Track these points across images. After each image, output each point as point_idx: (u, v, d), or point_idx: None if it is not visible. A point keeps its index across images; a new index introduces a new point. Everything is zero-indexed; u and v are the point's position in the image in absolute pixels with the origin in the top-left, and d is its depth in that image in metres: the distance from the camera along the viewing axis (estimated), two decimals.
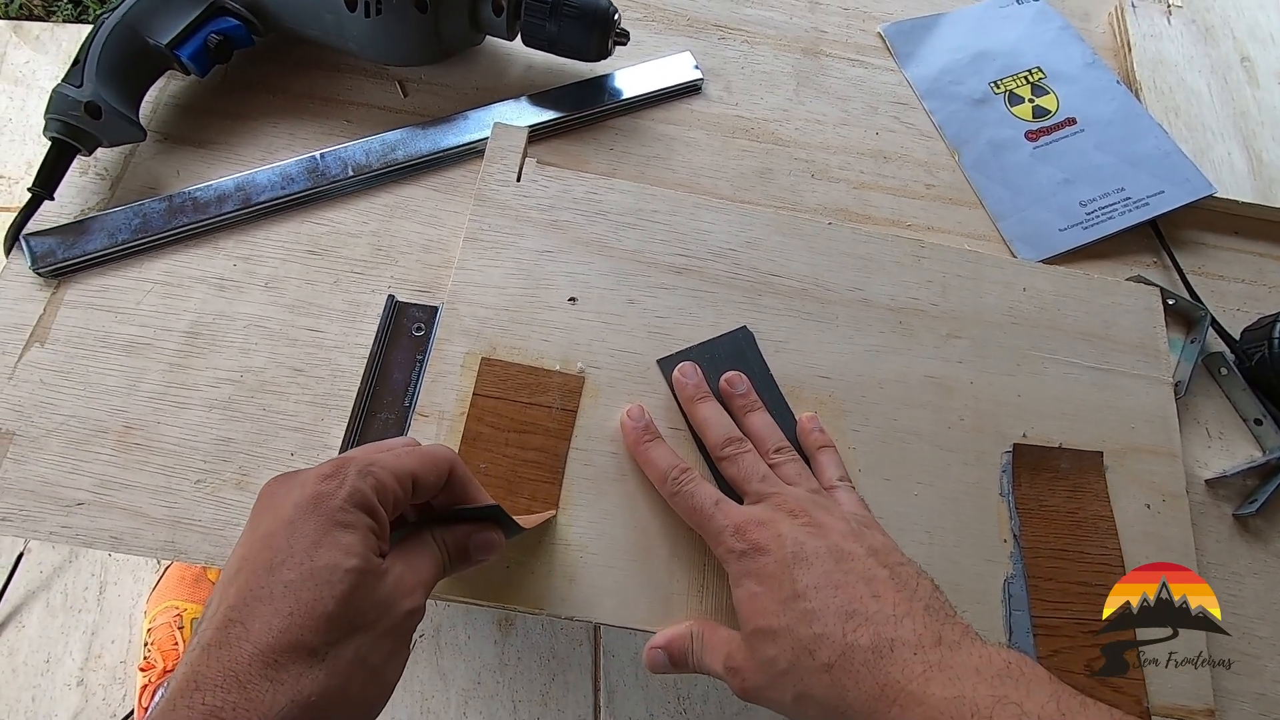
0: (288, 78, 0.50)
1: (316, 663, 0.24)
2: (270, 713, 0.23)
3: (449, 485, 0.31)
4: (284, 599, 0.25)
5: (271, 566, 0.25)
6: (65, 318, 0.41)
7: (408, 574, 0.28)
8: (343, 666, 0.25)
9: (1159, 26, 0.59)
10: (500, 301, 0.42)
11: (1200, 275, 0.52)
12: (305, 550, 0.25)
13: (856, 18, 0.59)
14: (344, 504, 0.26)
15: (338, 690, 0.24)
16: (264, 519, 0.27)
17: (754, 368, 0.42)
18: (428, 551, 0.29)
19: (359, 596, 0.26)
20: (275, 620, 0.24)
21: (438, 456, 0.30)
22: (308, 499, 0.26)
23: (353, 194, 0.46)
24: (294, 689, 0.23)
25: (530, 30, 0.47)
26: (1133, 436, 0.44)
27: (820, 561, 0.32)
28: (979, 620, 0.39)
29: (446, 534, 0.30)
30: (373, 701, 0.26)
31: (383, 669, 0.26)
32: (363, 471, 0.27)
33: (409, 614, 0.27)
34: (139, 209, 0.43)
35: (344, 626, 0.25)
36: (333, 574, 0.25)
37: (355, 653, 0.25)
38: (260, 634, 0.24)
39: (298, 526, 0.26)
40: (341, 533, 0.26)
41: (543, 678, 0.98)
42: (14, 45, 1.28)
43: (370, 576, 0.26)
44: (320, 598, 0.25)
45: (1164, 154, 0.53)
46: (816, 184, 0.52)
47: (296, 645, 0.24)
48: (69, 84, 0.42)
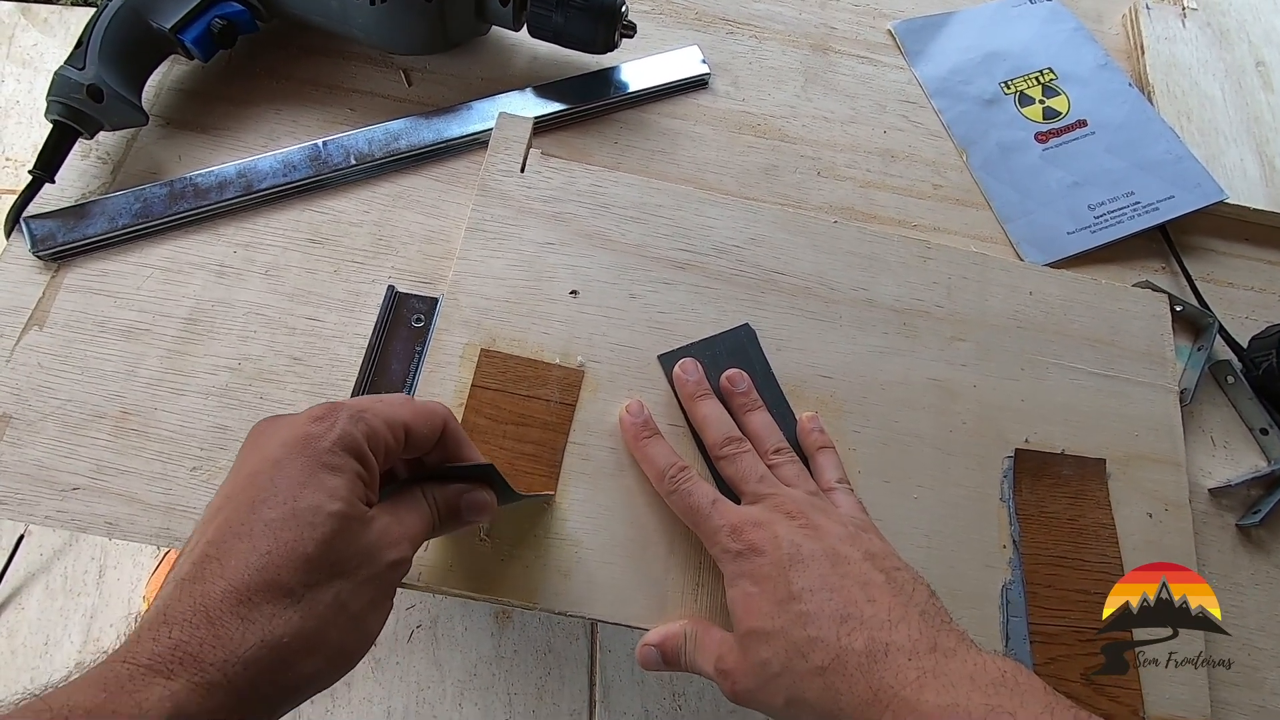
0: (292, 64, 0.50)
1: (292, 604, 0.24)
2: (238, 651, 0.22)
3: (442, 442, 0.30)
4: (263, 537, 0.24)
5: (253, 504, 0.25)
6: (64, 301, 0.41)
7: (394, 525, 0.27)
8: (319, 610, 0.24)
9: (1173, 29, 0.59)
10: (501, 293, 0.42)
11: (1209, 282, 0.51)
12: (289, 490, 0.25)
13: (867, 14, 0.59)
14: (333, 446, 0.26)
15: (313, 634, 0.24)
16: (250, 458, 0.27)
17: (755, 366, 0.42)
18: (417, 507, 0.29)
19: (341, 541, 0.25)
20: (252, 558, 0.23)
21: (432, 410, 0.30)
22: (296, 439, 0.26)
23: (355, 183, 0.46)
24: (266, 629, 0.23)
25: (537, 21, 0.47)
26: (1136, 444, 0.43)
27: (816, 564, 0.32)
28: (976, 626, 0.38)
29: (438, 491, 0.30)
30: (351, 650, 0.26)
31: (363, 617, 0.26)
32: (354, 416, 0.27)
33: (393, 565, 0.27)
34: (140, 194, 0.43)
35: (324, 570, 0.24)
36: (315, 515, 0.24)
37: (334, 598, 0.24)
38: (235, 571, 0.23)
39: (283, 466, 0.25)
40: (328, 475, 0.25)
41: (539, 671, 0.98)
42: (22, 27, 1.28)
43: (354, 522, 0.25)
44: (301, 539, 0.24)
45: (1175, 158, 0.52)
46: (823, 182, 0.51)
47: (272, 585, 0.23)
48: (71, 66, 0.41)
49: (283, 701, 0.24)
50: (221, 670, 0.22)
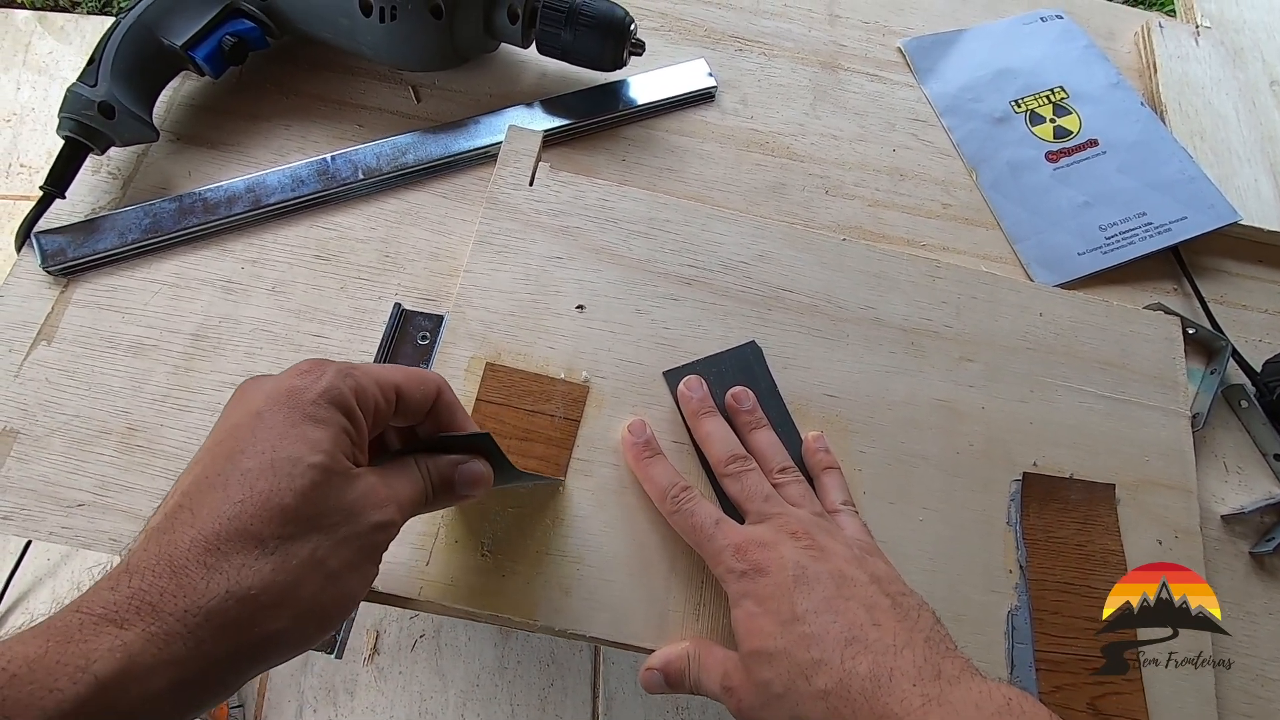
0: (301, 80, 0.50)
1: (264, 555, 0.22)
2: (200, 600, 0.21)
3: (435, 411, 0.29)
4: (238, 487, 0.23)
5: (231, 455, 0.24)
6: (73, 317, 0.41)
7: (381, 486, 0.26)
8: (293, 565, 0.23)
9: (1186, 48, 0.58)
10: (507, 306, 0.42)
11: (1222, 304, 0.50)
12: (269, 441, 0.24)
13: (876, 32, 0.59)
14: (318, 399, 0.25)
15: (284, 588, 0.22)
16: (233, 412, 0.26)
17: (761, 383, 0.42)
18: (408, 474, 0.28)
19: (321, 495, 0.24)
20: (224, 507, 0.22)
21: (425, 376, 0.29)
22: (281, 391, 0.25)
23: (362, 199, 0.46)
24: (233, 579, 0.22)
25: (545, 38, 0.47)
26: (1147, 469, 0.43)
27: (821, 586, 0.32)
28: (980, 652, 0.38)
29: (431, 462, 0.29)
30: (327, 611, 0.24)
31: (341, 577, 0.24)
32: (342, 372, 0.26)
33: (377, 526, 0.25)
34: (149, 209, 0.43)
35: (300, 523, 0.23)
36: (294, 467, 0.23)
37: (310, 553, 0.23)
38: (206, 520, 0.22)
39: (265, 418, 0.24)
40: (311, 427, 0.24)
41: (542, 682, 0.97)
42: (39, 35, 1.30)
43: (336, 476, 0.24)
44: (277, 489, 0.23)
45: (1188, 179, 0.52)
46: (831, 200, 0.51)
47: (243, 534, 0.22)
48: (84, 83, 0.42)
49: (249, 660, 0.22)
50: (181, 620, 0.21)
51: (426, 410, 0.29)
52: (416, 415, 0.29)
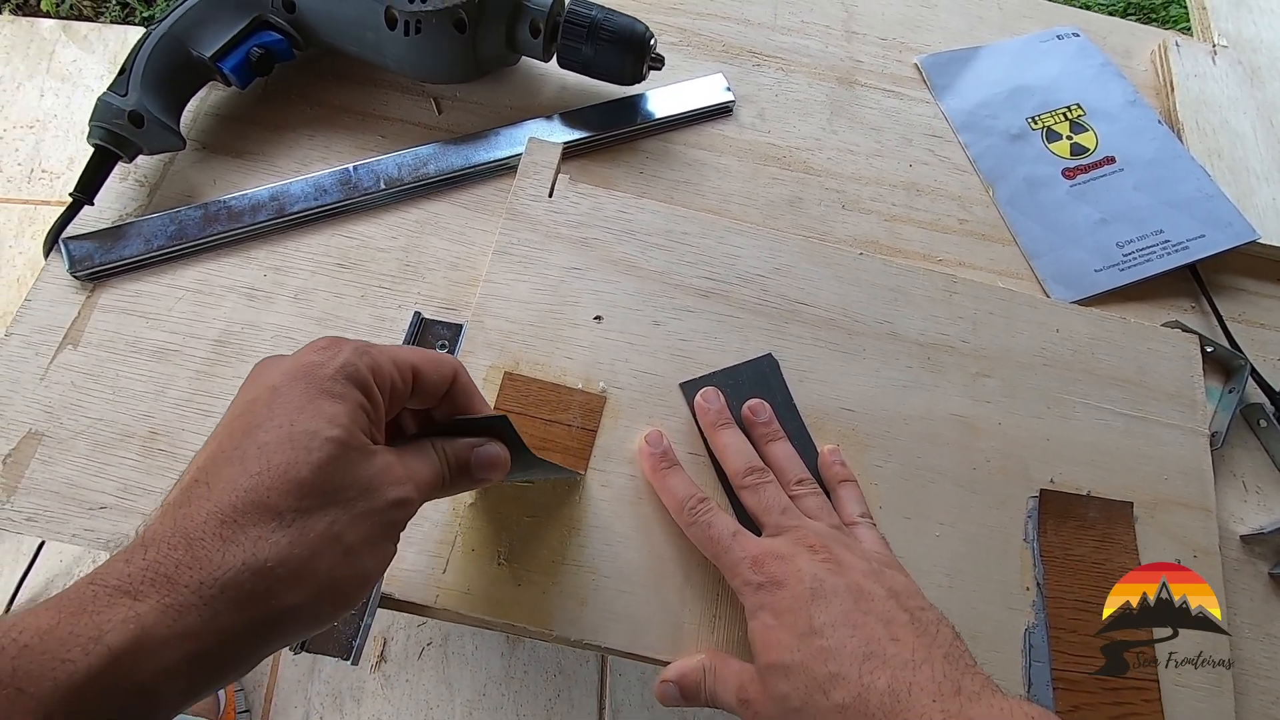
0: (325, 91, 0.51)
1: (280, 528, 0.22)
2: (216, 572, 0.21)
3: (451, 395, 0.29)
4: (255, 460, 0.23)
5: (248, 429, 0.23)
6: (98, 321, 0.42)
7: (398, 464, 0.26)
8: (311, 538, 0.22)
9: (1203, 66, 0.58)
10: (526, 316, 0.42)
11: (1240, 323, 0.50)
12: (286, 415, 0.23)
13: (893, 48, 0.59)
14: (335, 374, 0.25)
15: (301, 562, 0.22)
16: (250, 388, 0.25)
17: (777, 396, 0.42)
18: (425, 455, 0.27)
19: (338, 469, 0.23)
20: (241, 480, 0.22)
21: (442, 358, 0.29)
22: (298, 368, 0.25)
23: (383, 208, 0.47)
24: (249, 551, 0.21)
25: (566, 52, 0.48)
26: (1165, 488, 0.42)
27: (839, 599, 0.32)
28: (997, 670, 0.38)
29: (448, 445, 0.28)
30: (343, 587, 0.24)
31: (357, 552, 0.24)
32: (360, 349, 0.26)
33: (395, 504, 0.25)
34: (175, 216, 0.44)
35: (317, 496, 0.23)
36: (311, 440, 0.23)
37: (327, 527, 0.23)
38: (222, 493, 0.22)
39: (282, 392, 0.24)
40: (328, 401, 0.24)
41: (548, 693, 0.97)
42: (63, 44, 1.32)
43: (353, 451, 0.24)
44: (294, 462, 0.23)
45: (1206, 197, 0.52)
46: (847, 215, 0.51)
47: (260, 506, 0.22)
48: (114, 92, 0.42)
49: (265, 635, 0.22)
50: (196, 592, 0.20)
51: (443, 393, 0.29)
52: (433, 397, 0.29)
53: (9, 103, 1.26)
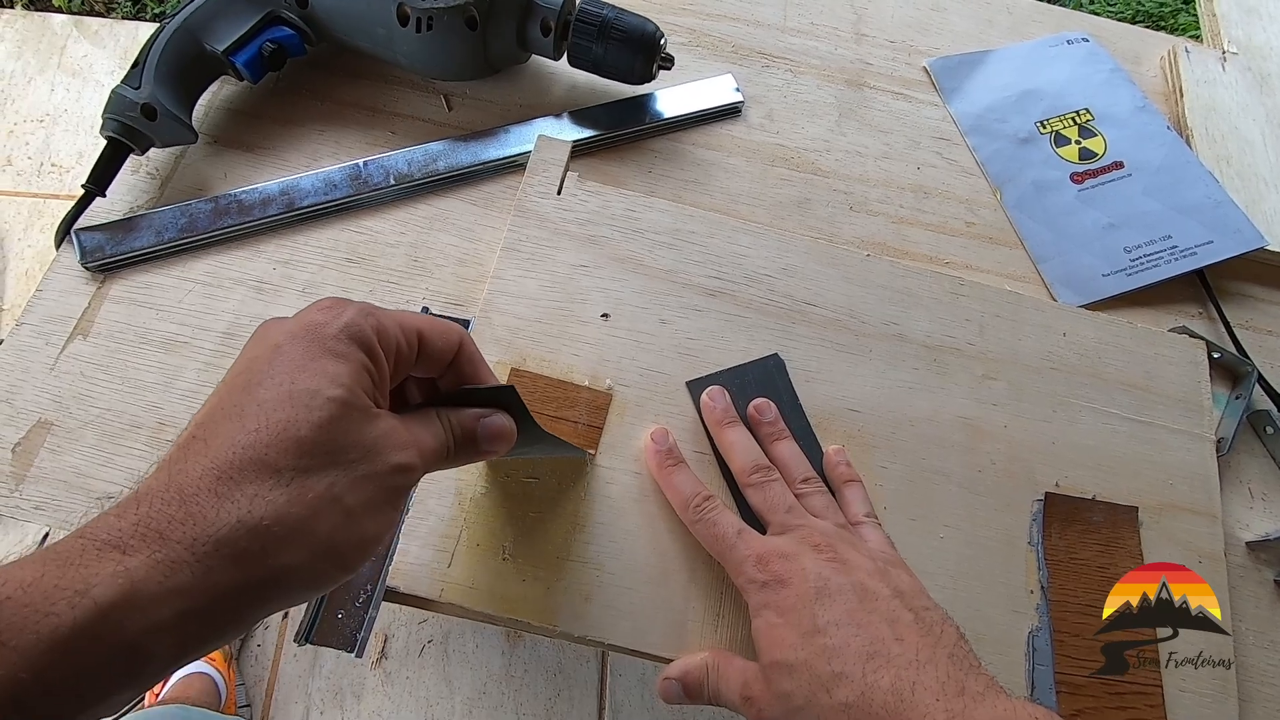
0: (337, 87, 0.51)
1: (278, 486, 0.21)
2: (209, 529, 0.20)
3: (457, 364, 0.28)
4: (254, 417, 0.22)
5: (248, 386, 0.23)
6: (108, 312, 0.42)
7: (401, 430, 0.25)
8: (309, 498, 0.22)
9: (1213, 72, 0.58)
10: (533, 313, 0.42)
11: (1248, 329, 0.50)
12: (287, 373, 0.23)
13: (902, 51, 0.59)
14: (339, 334, 0.24)
15: (299, 521, 0.21)
16: (252, 347, 0.25)
17: (783, 396, 0.42)
18: (430, 424, 0.27)
19: (339, 429, 0.23)
20: (239, 436, 0.22)
21: (448, 325, 0.28)
22: (301, 327, 0.24)
23: (392, 204, 0.47)
24: (245, 508, 0.21)
25: (577, 51, 0.48)
26: (1171, 493, 0.42)
27: (843, 598, 0.32)
28: (1001, 672, 0.37)
29: (453, 414, 0.28)
30: (343, 550, 0.23)
31: (358, 515, 0.23)
32: (364, 310, 0.25)
33: (398, 468, 0.24)
34: (186, 209, 0.44)
35: (318, 456, 0.22)
36: (313, 399, 0.22)
37: (327, 488, 0.22)
38: (219, 449, 0.21)
39: (284, 350, 0.23)
40: (331, 360, 0.23)
41: (548, 692, 0.97)
42: (74, 39, 1.33)
43: (355, 411, 0.23)
44: (294, 420, 0.22)
45: (1214, 203, 0.52)
46: (855, 216, 0.51)
47: (258, 463, 0.21)
48: (128, 85, 0.43)
49: (260, 595, 0.21)
50: (189, 549, 0.20)
51: (448, 361, 0.28)
52: (438, 365, 0.28)
53: (20, 97, 1.26)
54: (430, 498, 0.38)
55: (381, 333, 0.25)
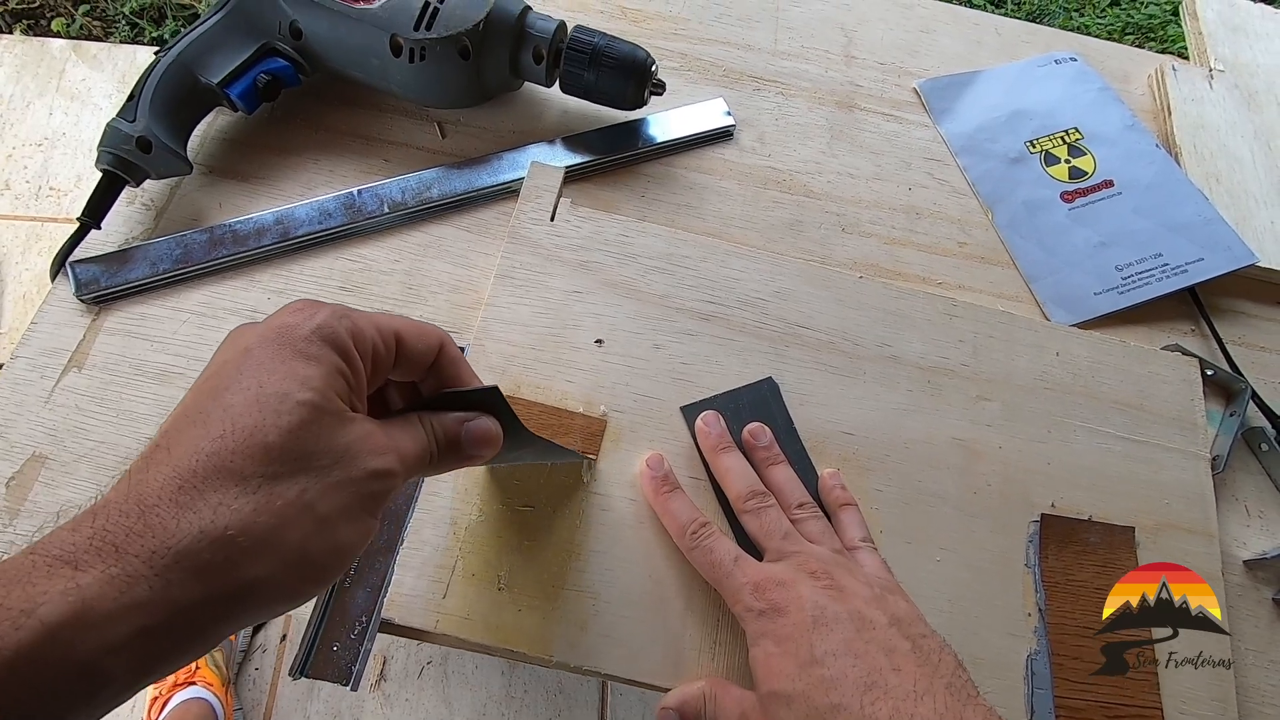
0: (330, 116, 0.51)
1: (244, 494, 0.20)
2: (170, 541, 0.19)
3: (438, 366, 0.28)
4: (219, 422, 0.21)
5: (215, 391, 0.22)
6: (103, 344, 0.42)
7: (379, 434, 0.24)
8: (278, 506, 0.21)
9: (1200, 90, 0.59)
10: (527, 340, 0.42)
11: (1241, 346, 0.50)
12: (255, 377, 0.22)
13: (892, 73, 0.60)
14: (310, 335, 0.23)
15: (267, 531, 0.20)
16: (222, 352, 0.24)
17: (777, 420, 0.42)
18: (411, 429, 0.26)
19: (310, 434, 0.22)
20: (203, 443, 0.21)
21: (426, 327, 0.27)
22: (271, 329, 0.23)
23: (386, 232, 0.47)
24: (208, 518, 0.20)
25: (569, 78, 0.48)
26: (1167, 512, 0.42)
27: (840, 628, 0.32)
28: (999, 697, 0.37)
29: (435, 419, 0.27)
30: (318, 561, 0.22)
31: (332, 524, 0.22)
32: (338, 312, 0.24)
33: (375, 474, 0.23)
34: (181, 239, 0.44)
35: (287, 462, 0.21)
36: (282, 403, 0.21)
37: (299, 496, 0.21)
38: (182, 457, 0.20)
39: (254, 353, 0.23)
40: (302, 363, 0.22)
41: (549, 712, 0.96)
42: (73, 63, 1.34)
43: (328, 416, 0.22)
44: (262, 425, 0.21)
45: (1204, 220, 0.52)
46: (847, 238, 0.51)
47: (222, 470, 0.20)
48: (123, 118, 0.43)
49: (227, 610, 0.20)
50: (147, 562, 0.19)
51: (429, 364, 0.27)
52: (419, 368, 0.27)
53: (19, 121, 1.27)
54: (425, 527, 0.38)
55: (357, 334, 0.24)
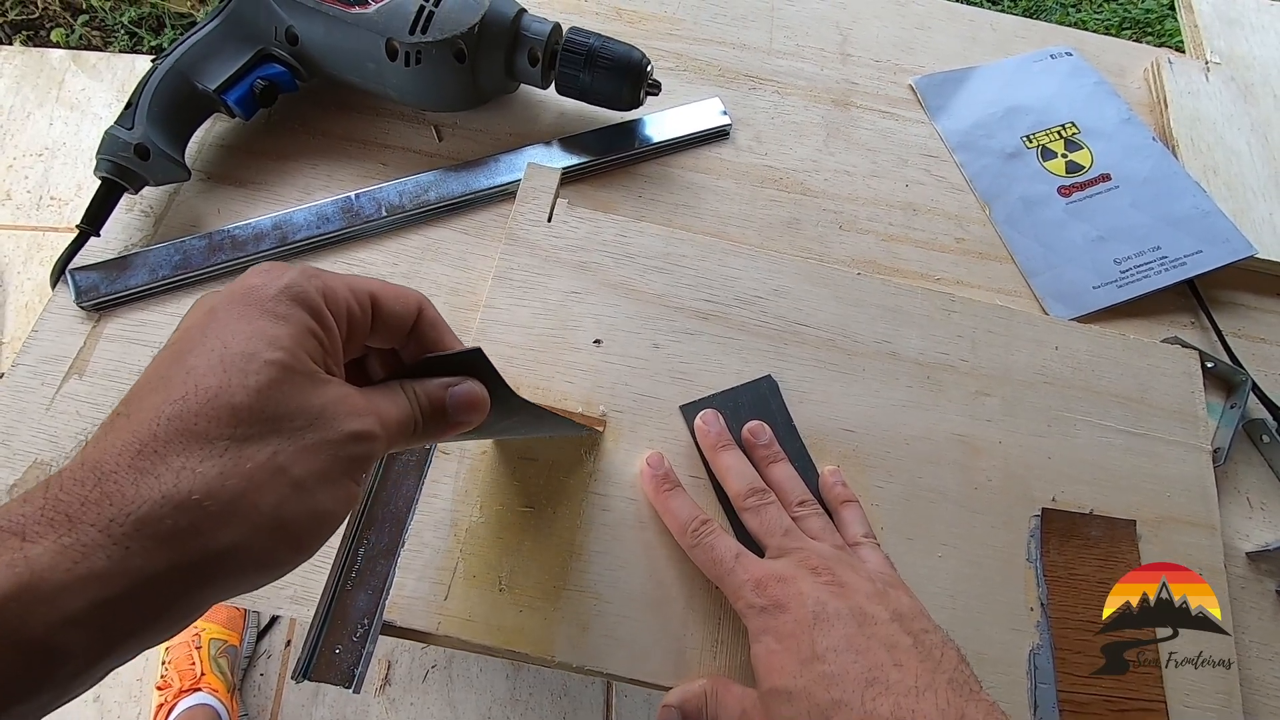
0: (328, 120, 0.51)
1: (210, 457, 0.19)
2: (129, 507, 0.18)
3: (418, 331, 0.26)
4: (180, 384, 0.20)
5: (178, 355, 0.21)
6: (103, 351, 0.42)
7: (357, 396, 0.23)
8: (247, 468, 0.20)
9: (1197, 83, 0.59)
10: (526, 341, 0.42)
11: (1240, 338, 0.50)
12: (220, 337, 0.21)
13: (888, 70, 0.60)
14: (279, 294, 0.22)
15: (236, 495, 0.19)
16: (188, 318, 0.23)
17: (777, 418, 0.42)
18: (393, 395, 0.25)
19: (281, 394, 0.21)
20: (164, 407, 0.19)
21: (404, 288, 0.26)
22: (237, 291, 0.22)
23: (385, 235, 0.47)
24: (170, 483, 0.19)
25: (564, 80, 0.48)
26: (1168, 505, 0.42)
27: (842, 624, 0.32)
28: (1002, 692, 0.37)
29: (418, 385, 0.25)
30: (293, 527, 0.21)
31: (309, 487, 0.21)
32: (308, 272, 0.23)
33: (354, 436, 0.22)
34: (180, 246, 0.45)
35: (256, 424, 0.20)
36: (249, 363, 0.20)
37: (270, 458, 0.20)
38: (142, 422, 0.19)
39: (218, 315, 0.22)
40: (270, 322, 0.21)
41: (554, 714, 0.96)
42: (72, 73, 1.34)
43: (299, 376, 0.21)
44: (227, 386, 0.20)
45: (1202, 213, 0.52)
46: (845, 235, 0.52)
47: (185, 433, 0.19)
48: (120, 126, 0.43)
49: (197, 580, 0.19)
50: (104, 530, 0.18)
51: (408, 329, 0.26)
52: (398, 333, 0.26)
53: (19, 131, 1.27)
54: (426, 530, 0.38)
55: (329, 294, 0.23)
